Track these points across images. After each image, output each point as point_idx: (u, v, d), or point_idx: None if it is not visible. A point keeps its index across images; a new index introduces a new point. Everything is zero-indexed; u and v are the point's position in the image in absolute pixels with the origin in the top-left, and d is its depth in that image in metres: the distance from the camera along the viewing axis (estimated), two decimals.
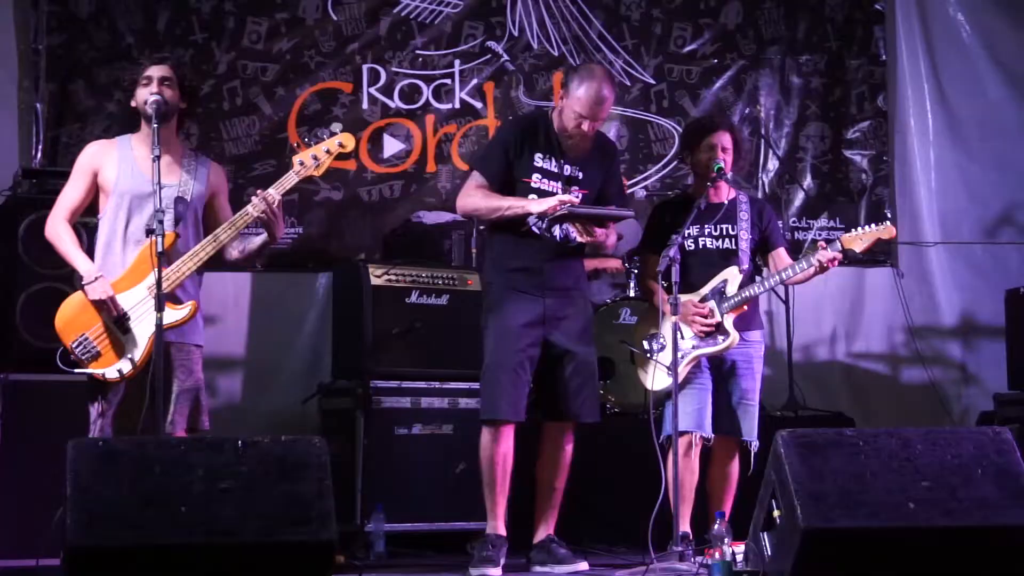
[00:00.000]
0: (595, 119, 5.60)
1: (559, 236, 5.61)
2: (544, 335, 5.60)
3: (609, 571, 5.28)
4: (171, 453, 4.23)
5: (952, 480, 4.73)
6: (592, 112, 5.55)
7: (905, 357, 8.64)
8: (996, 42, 8.81)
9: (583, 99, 5.53)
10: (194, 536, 4.10)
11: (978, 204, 8.75)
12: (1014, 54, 8.84)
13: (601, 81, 5.57)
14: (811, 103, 8.61)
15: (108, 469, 4.13)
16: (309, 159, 5.39)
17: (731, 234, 5.88)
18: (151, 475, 4.15)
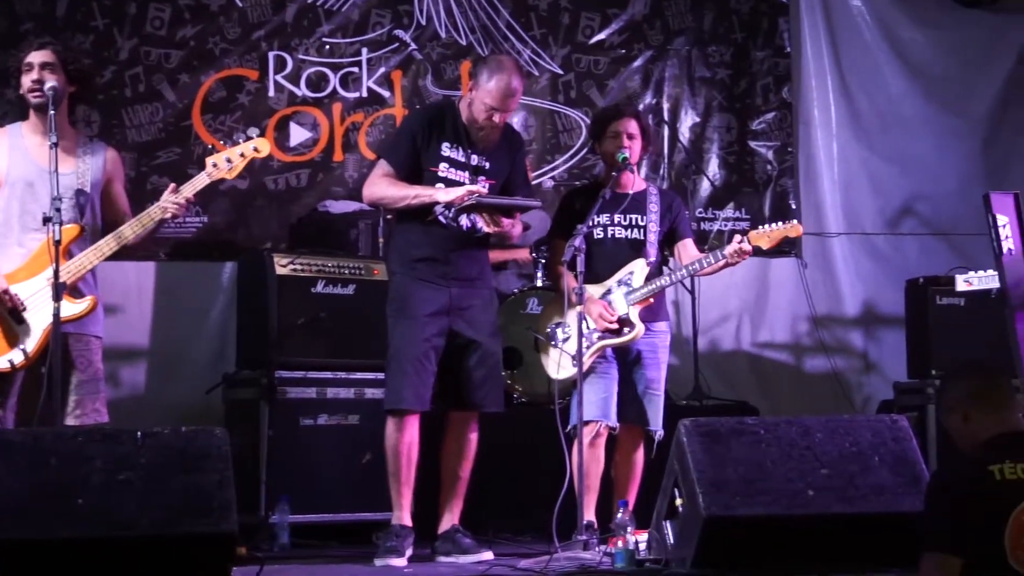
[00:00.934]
0: (505, 111, 5.61)
1: (466, 226, 5.61)
2: (449, 325, 5.59)
3: (514, 560, 5.27)
4: (68, 445, 4.17)
5: (850, 467, 4.82)
6: (502, 104, 5.56)
7: (808, 346, 8.74)
8: (897, 35, 8.94)
9: (493, 91, 5.53)
10: (92, 529, 4.05)
11: (880, 196, 8.88)
12: (914, 48, 8.97)
13: (511, 73, 5.58)
14: (717, 94, 8.68)
15: (2, 461, 4.07)
16: (223, 161, 5.37)
17: (640, 225, 5.91)
18: (47, 467, 4.10)
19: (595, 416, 5.71)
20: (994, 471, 3.40)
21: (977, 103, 9.05)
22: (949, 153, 8.93)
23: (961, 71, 9.05)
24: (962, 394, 3.69)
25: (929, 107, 8.95)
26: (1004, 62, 9.06)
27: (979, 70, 9.07)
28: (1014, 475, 3.39)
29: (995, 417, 3.59)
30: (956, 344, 7.20)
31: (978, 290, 5.60)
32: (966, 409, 3.64)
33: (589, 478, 5.64)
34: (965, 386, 3.71)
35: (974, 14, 9.08)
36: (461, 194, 5.46)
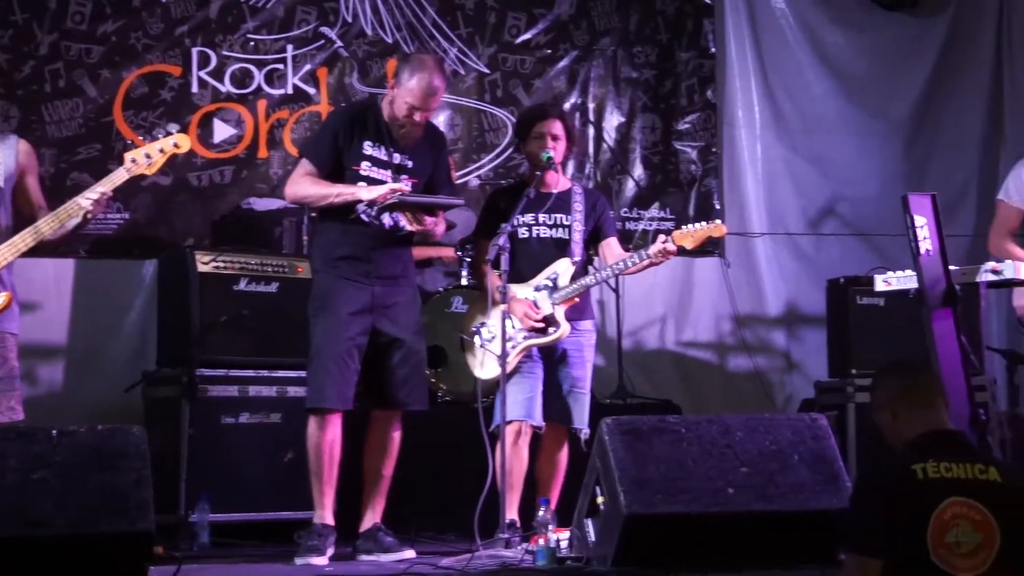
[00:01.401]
0: (427, 109, 5.60)
1: (388, 224, 5.59)
2: (372, 323, 5.57)
3: (436, 559, 5.26)
4: None
5: (770, 466, 4.86)
6: (424, 102, 5.54)
7: (732, 345, 8.80)
8: (820, 37, 9.02)
9: (415, 89, 5.51)
10: (6, 528, 4.01)
11: (802, 196, 8.96)
12: (837, 49, 9.06)
13: (433, 72, 5.56)
14: (642, 94, 8.72)
15: None
16: (142, 157, 5.33)
17: (565, 224, 5.92)
18: None
19: (519, 416, 5.71)
20: (917, 470, 3.44)
21: (898, 105, 9.16)
22: (870, 154, 9.03)
23: (883, 73, 9.16)
24: (891, 392, 3.73)
25: (851, 108, 9.05)
26: (924, 64, 9.18)
27: (900, 72, 9.19)
28: (937, 474, 3.43)
29: (922, 415, 3.63)
30: (876, 343, 7.26)
31: (897, 290, 5.65)
32: (895, 407, 3.68)
33: (512, 477, 5.63)
34: (894, 384, 3.75)
35: (895, 16, 9.19)
36: (384, 192, 5.45)
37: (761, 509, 4.77)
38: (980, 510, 3.39)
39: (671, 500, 4.73)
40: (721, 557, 4.72)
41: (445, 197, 5.75)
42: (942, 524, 3.37)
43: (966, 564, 3.36)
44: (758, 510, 4.76)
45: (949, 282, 5.29)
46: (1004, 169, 8.44)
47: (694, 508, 4.73)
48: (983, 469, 3.46)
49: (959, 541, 3.37)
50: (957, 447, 3.57)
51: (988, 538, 3.38)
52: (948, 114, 9.18)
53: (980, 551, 3.37)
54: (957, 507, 3.39)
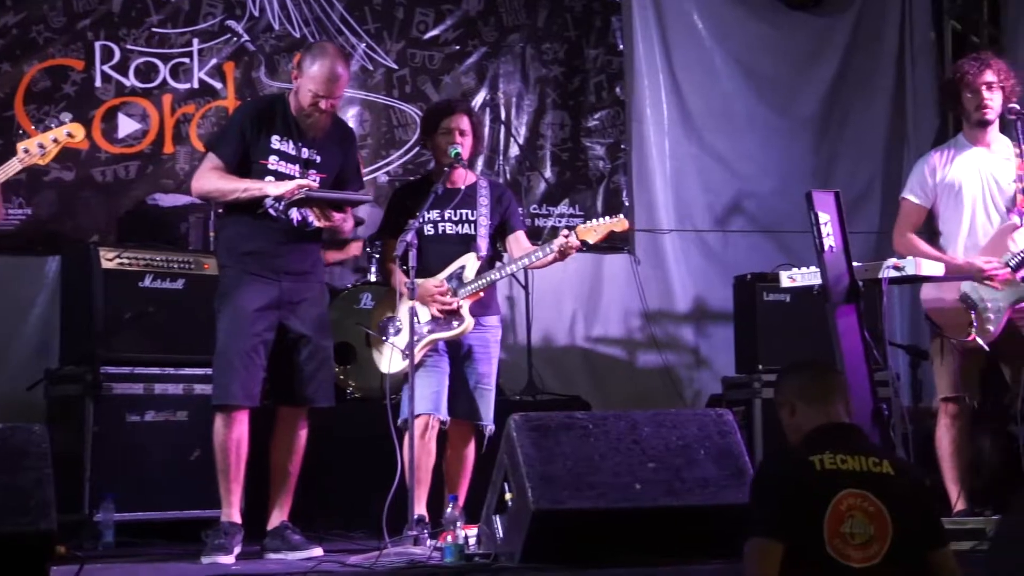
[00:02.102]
0: (330, 96, 5.56)
1: (296, 220, 5.55)
2: (279, 319, 5.53)
3: (343, 556, 5.23)
4: None
5: (676, 461, 4.89)
6: (327, 89, 5.51)
7: (641, 341, 8.85)
8: (727, 34, 9.09)
9: (317, 76, 5.48)
10: None
11: (710, 193, 9.02)
12: (745, 47, 9.14)
13: (334, 58, 5.55)
14: (551, 91, 8.73)
15: None
16: (35, 147, 5.25)
17: (470, 219, 5.91)
18: None
19: (426, 410, 5.70)
20: (814, 461, 3.49)
21: (805, 103, 9.26)
22: (777, 152, 9.13)
23: (790, 71, 9.26)
24: (791, 389, 3.79)
25: (758, 106, 9.13)
26: (830, 63, 9.29)
27: (807, 71, 9.29)
28: (833, 465, 3.48)
29: (818, 410, 3.68)
30: (782, 339, 7.34)
31: (802, 286, 5.70)
32: (793, 403, 3.74)
33: (420, 472, 5.62)
34: (794, 381, 3.82)
35: (801, 15, 9.29)
36: (291, 188, 5.41)
37: (668, 504, 4.79)
38: (874, 502, 3.45)
39: (579, 496, 4.74)
40: (629, 552, 4.75)
41: (354, 193, 5.73)
42: (838, 515, 3.42)
43: (859, 555, 3.41)
44: (665, 505, 4.79)
45: (852, 278, 5.35)
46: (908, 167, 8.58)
47: (601, 504, 4.74)
48: (877, 462, 3.53)
49: (853, 532, 3.42)
50: (852, 440, 3.63)
51: (881, 530, 3.43)
52: (853, 112, 9.31)
53: (873, 543, 3.43)
54: (852, 498, 3.44)
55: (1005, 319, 5.67)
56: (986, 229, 5.80)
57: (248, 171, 5.52)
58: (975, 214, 5.82)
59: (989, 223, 5.80)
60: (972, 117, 5.85)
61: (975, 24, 9.46)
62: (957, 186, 5.83)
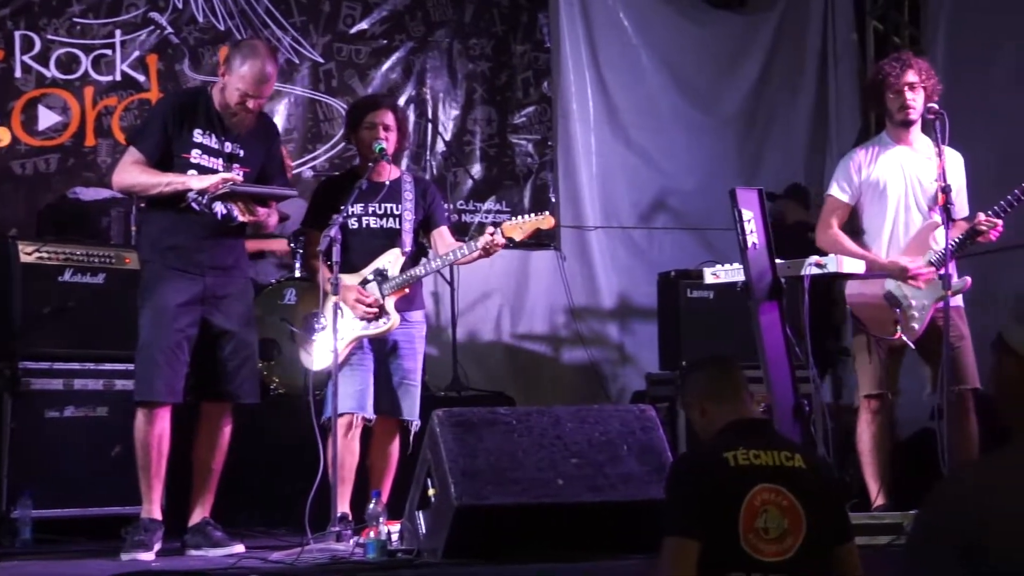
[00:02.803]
0: (259, 96, 5.53)
1: (220, 214, 5.50)
2: (203, 315, 5.48)
3: (265, 553, 5.20)
4: None
5: (599, 457, 4.90)
6: (256, 89, 5.48)
7: (566, 338, 8.87)
8: (653, 33, 9.14)
9: (246, 76, 5.44)
10: None
11: (635, 190, 9.07)
12: (670, 45, 9.19)
13: (265, 59, 5.51)
14: (478, 87, 8.73)
15: None
16: None
17: (395, 214, 5.89)
18: None
19: (351, 408, 5.68)
20: (728, 457, 3.50)
21: (729, 102, 9.32)
22: (702, 150, 9.19)
23: (715, 70, 9.32)
24: (698, 389, 3.79)
25: (684, 104, 9.19)
26: (754, 62, 9.37)
27: (731, 69, 9.36)
28: (747, 461, 3.50)
29: (729, 408, 3.69)
30: (706, 335, 7.37)
31: (725, 283, 5.73)
32: (702, 403, 3.75)
33: (344, 469, 5.60)
34: (701, 381, 3.81)
35: (725, 14, 9.35)
36: (215, 181, 5.37)
37: (591, 500, 4.81)
38: (787, 496, 3.46)
39: (501, 492, 4.74)
40: (551, 548, 4.75)
41: (278, 187, 5.70)
42: (752, 510, 3.44)
43: (772, 549, 3.43)
44: (588, 501, 4.80)
45: (775, 275, 5.39)
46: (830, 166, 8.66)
47: (524, 499, 4.75)
48: (789, 456, 3.54)
49: (767, 527, 3.44)
50: (765, 435, 3.65)
51: (794, 524, 3.45)
52: (777, 111, 9.39)
53: (787, 537, 3.44)
54: (766, 493, 3.46)
55: (929, 317, 5.73)
56: (909, 227, 5.86)
57: (170, 164, 5.47)
58: (898, 212, 5.88)
59: (912, 221, 5.87)
60: (895, 117, 5.91)
61: (896, 25, 9.57)
62: (881, 184, 5.89)
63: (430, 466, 4.90)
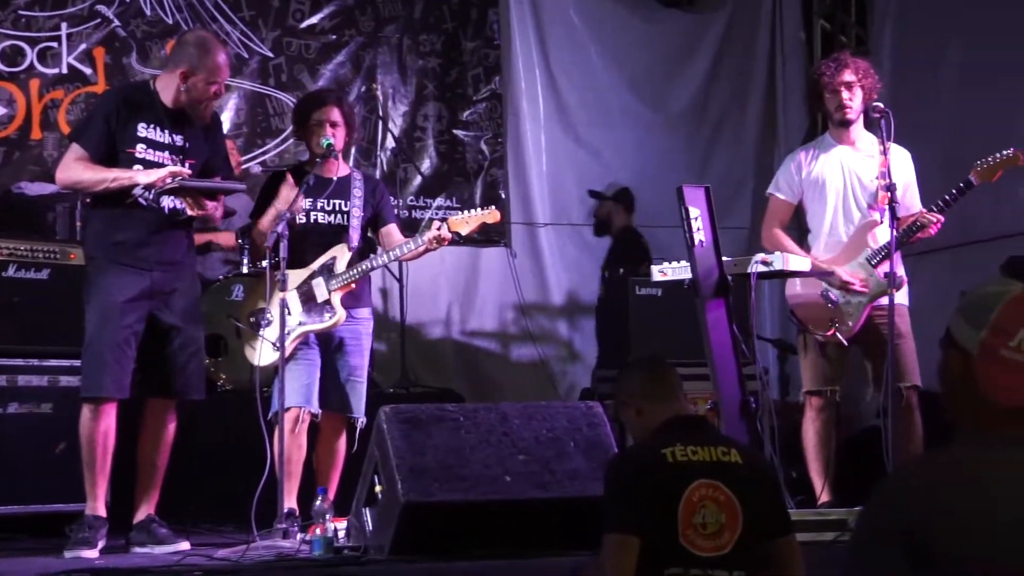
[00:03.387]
0: (224, 80, 5.51)
1: (167, 209, 5.46)
2: (150, 310, 5.44)
3: (211, 550, 5.17)
4: None
5: (547, 453, 4.91)
6: (225, 76, 5.48)
7: (516, 335, 8.88)
8: (603, 30, 9.16)
9: (212, 68, 5.40)
10: None
11: (585, 187, 9.07)
12: (620, 43, 9.21)
13: (217, 45, 5.53)
14: (428, 83, 8.72)
15: None
16: None
17: (343, 210, 5.87)
18: None
19: (297, 403, 5.66)
20: (666, 454, 3.52)
21: (678, 100, 9.36)
22: (651, 147, 9.21)
23: (664, 68, 9.35)
24: (633, 389, 3.80)
25: (633, 102, 9.21)
26: (703, 60, 9.40)
27: (681, 68, 9.39)
28: (684, 457, 3.51)
29: (664, 406, 3.71)
30: (654, 333, 7.38)
31: (673, 280, 5.74)
32: (639, 403, 3.76)
33: (291, 465, 5.58)
34: (635, 381, 3.83)
35: (675, 12, 9.38)
36: (163, 175, 5.33)
37: (538, 496, 4.81)
38: (724, 491, 3.48)
39: (449, 488, 4.74)
40: (499, 544, 4.75)
41: (227, 181, 5.67)
42: (690, 506, 3.45)
43: (710, 544, 3.45)
44: (535, 497, 4.81)
45: (722, 272, 5.40)
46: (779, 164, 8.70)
47: (471, 496, 4.75)
48: (726, 451, 3.56)
49: (704, 522, 3.45)
50: (701, 431, 3.67)
51: (731, 518, 3.47)
52: (726, 109, 9.44)
53: (724, 531, 3.46)
54: (704, 489, 3.48)
55: (865, 315, 5.78)
56: (848, 226, 5.91)
57: (115, 159, 5.42)
58: (837, 210, 5.92)
59: (851, 220, 5.91)
60: (833, 117, 5.96)
61: (843, 24, 9.64)
62: (821, 183, 5.93)
63: (377, 463, 4.89)
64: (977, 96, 8.21)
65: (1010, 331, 2.38)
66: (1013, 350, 2.37)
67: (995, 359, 2.38)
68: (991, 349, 2.38)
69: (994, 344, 2.38)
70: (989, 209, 7.72)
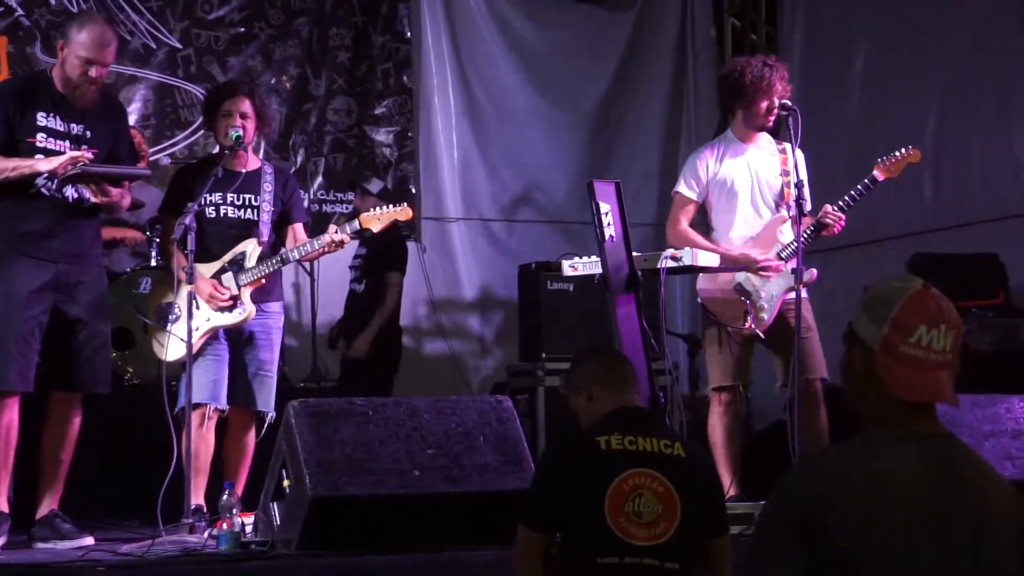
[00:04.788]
0: (102, 63, 5.35)
1: (71, 197, 5.37)
2: (55, 302, 5.35)
3: (116, 545, 5.10)
4: None
5: (456, 447, 4.91)
6: (98, 55, 5.31)
7: (427, 329, 8.87)
8: (512, 28, 9.18)
9: (87, 42, 5.28)
10: None
11: (496, 183, 9.10)
12: (528, 41, 9.23)
13: (102, 24, 5.42)
14: (338, 77, 8.68)
15: None
16: None
17: (253, 204, 5.82)
18: None
19: (205, 399, 5.59)
20: (600, 441, 3.56)
21: (586, 97, 9.40)
22: (559, 144, 9.25)
23: (572, 65, 9.38)
24: (588, 375, 3.83)
25: (542, 100, 9.24)
26: (612, 57, 9.45)
27: (588, 64, 9.43)
28: (620, 446, 3.55)
29: (615, 396, 3.74)
30: (565, 327, 7.42)
31: (584, 275, 5.76)
32: (591, 388, 3.79)
33: (198, 461, 5.53)
34: (591, 368, 3.86)
35: (585, 9, 9.41)
36: (64, 161, 5.22)
37: (447, 490, 4.81)
38: (663, 482, 3.52)
39: (357, 482, 4.72)
40: (407, 538, 4.75)
41: (131, 167, 5.61)
42: (621, 493, 3.48)
43: (645, 533, 3.48)
44: (444, 491, 4.81)
45: (632, 268, 5.43)
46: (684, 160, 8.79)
47: (380, 490, 4.73)
48: (668, 444, 3.60)
49: (640, 511, 3.49)
50: (645, 423, 3.71)
51: (669, 510, 3.51)
52: (633, 106, 9.49)
53: (661, 521, 3.50)
54: (639, 478, 3.51)
55: (778, 307, 5.84)
56: (756, 223, 5.96)
57: (15, 151, 5.31)
58: (747, 209, 5.97)
59: (759, 217, 5.97)
60: (758, 122, 5.96)
61: (753, 22, 9.74)
62: (729, 182, 5.97)
63: (285, 457, 4.86)
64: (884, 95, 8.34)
65: (910, 328, 2.41)
66: (912, 346, 2.41)
67: (895, 355, 2.42)
68: (892, 345, 2.42)
69: (895, 340, 2.42)
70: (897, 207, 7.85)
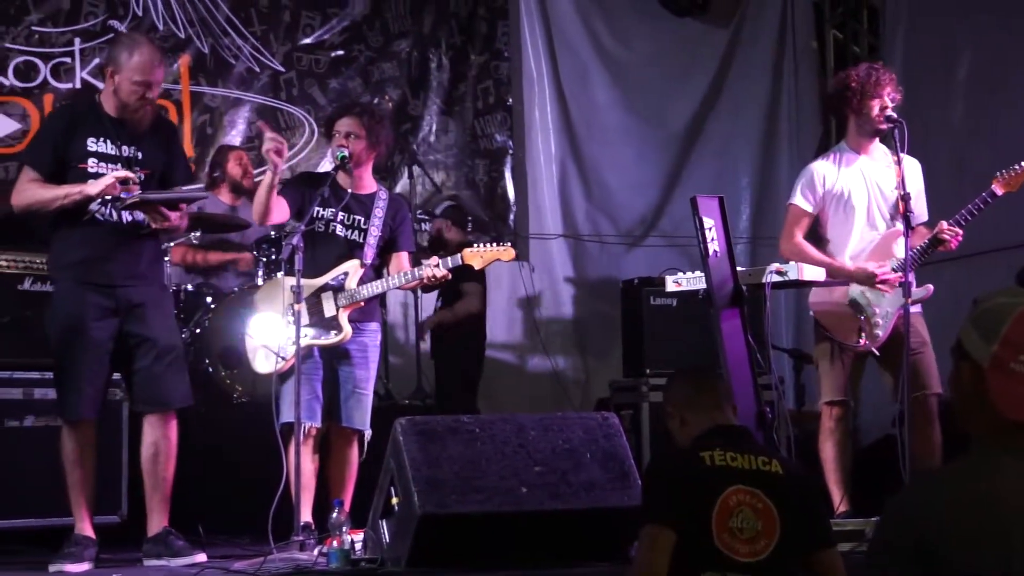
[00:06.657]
0: (155, 83, 5.37)
1: (126, 220, 5.39)
2: (120, 326, 5.38)
3: (228, 562, 5.16)
4: None
5: (563, 464, 4.90)
6: (153, 75, 5.32)
7: (529, 346, 8.88)
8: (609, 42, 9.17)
9: (139, 65, 5.27)
10: None
11: (595, 200, 9.11)
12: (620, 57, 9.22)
13: (150, 44, 5.45)
14: (436, 97, 8.72)
15: None
16: None
17: (362, 227, 5.86)
18: None
19: (302, 416, 5.60)
20: (704, 456, 3.54)
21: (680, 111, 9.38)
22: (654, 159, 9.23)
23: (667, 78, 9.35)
24: (677, 400, 3.83)
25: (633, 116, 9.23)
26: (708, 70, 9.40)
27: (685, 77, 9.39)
28: (723, 461, 3.54)
29: (707, 416, 3.73)
30: (669, 343, 7.38)
31: (687, 290, 5.72)
32: (682, 413, 3.78)
33: (304, 478, 5.57)
34: (678, 393, 3.86)
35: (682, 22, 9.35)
36: (109, 183, 5.23)
37: (554, 508, 4.81)
38: (762, 499, 3.50)
39: (465, 500, 4.73)
40: (515, 556, 4.75)
41: (189, 190, 5.53)
42: (726, 509, 3.47)
43: (746, 549, 3.47)
44: (551, 509, 4.80)
45: (736, 283, 5.39)
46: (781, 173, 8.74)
47: (488, 508, 4.74)
48: (766, 461, 3.58)
49: (741, 527, 3.47)
50: (742, 441, 3.69)
51: (768, 526, 3.49)
52: (728, 119, 9.42)
53: (760, 538, 3.48)
54: (741, 494, 3.50)
55: (893, 323, 5.75)
56: (873, 236, 5.87)
57: (67, 178, 5.32)
58: (864, 222, 5.88)
59: (876, 230, 5.87)
60: (872, 126, 5.85)
61: (855, 33, 9.64)
62: (846, 194, 5.87)
63: (393, 474, 4.89)
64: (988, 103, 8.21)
65: (1021, 345, 2.37)
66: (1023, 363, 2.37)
67: (1005, 373, 2.37)
68: (1001, 362, 2.38)
69: (1005, 357, 2.37)
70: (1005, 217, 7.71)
